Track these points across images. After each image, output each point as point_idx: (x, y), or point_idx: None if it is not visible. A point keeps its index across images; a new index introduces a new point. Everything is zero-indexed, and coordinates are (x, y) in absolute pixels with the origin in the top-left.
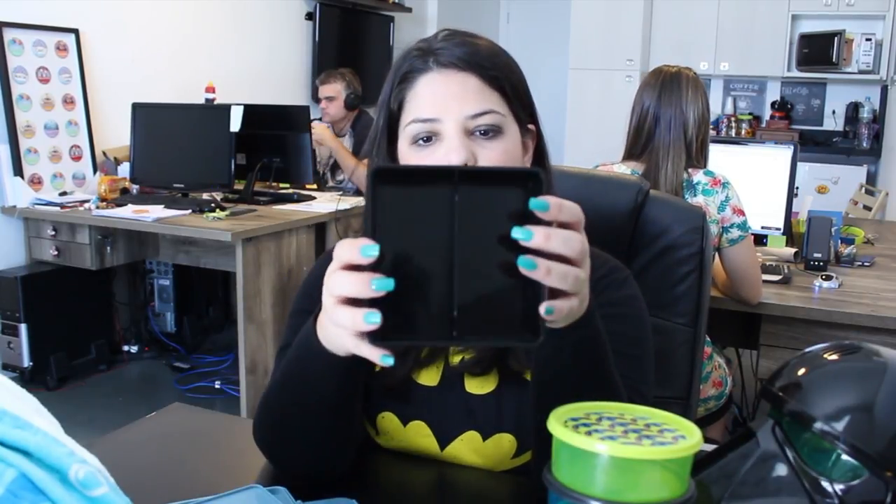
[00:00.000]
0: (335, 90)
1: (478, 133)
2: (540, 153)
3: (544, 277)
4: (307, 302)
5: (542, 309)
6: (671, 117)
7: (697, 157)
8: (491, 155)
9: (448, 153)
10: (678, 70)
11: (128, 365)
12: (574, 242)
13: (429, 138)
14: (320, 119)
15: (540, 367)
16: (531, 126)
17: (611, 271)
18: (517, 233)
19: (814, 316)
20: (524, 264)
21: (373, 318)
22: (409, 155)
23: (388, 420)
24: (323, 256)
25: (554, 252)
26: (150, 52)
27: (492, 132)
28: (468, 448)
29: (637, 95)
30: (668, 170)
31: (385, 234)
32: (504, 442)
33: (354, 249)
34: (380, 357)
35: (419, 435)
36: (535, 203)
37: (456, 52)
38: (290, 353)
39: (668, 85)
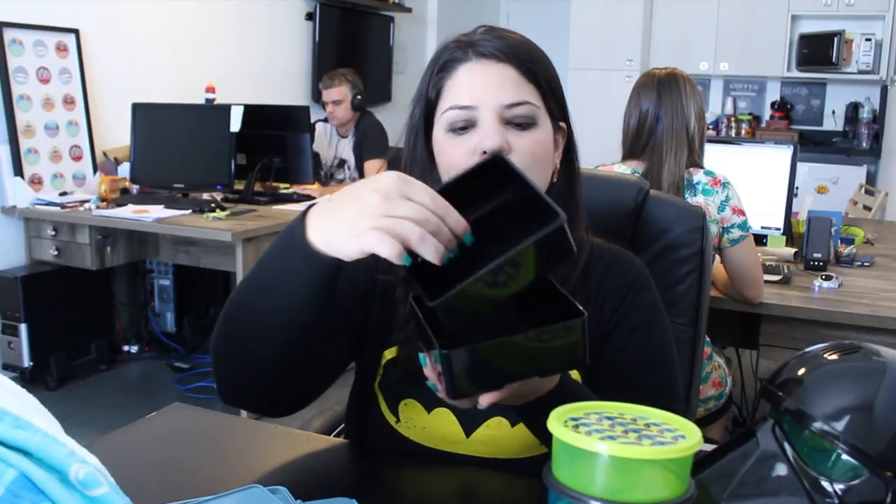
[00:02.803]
0: (341, 93)
1: (513, 123)
2: (570, 153)
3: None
4: None
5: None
6: (672, 115)
7: (698, 152)
8: (524, 144)
9: (483, 139)
10: (671, 70)
11: (128, 365)
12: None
13: (465, 127)
14: (324, 120)
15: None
16: (563, 124)
17: (638, 275)
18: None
19: (814, 316)
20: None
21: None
22: (445, 141)
23: (411, 407)
24: None
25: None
26: (150, 52)
27: (526, 123)
28: (495, 434)
29: (632, 98)
30: (670, 165)
31: None
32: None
33: (453, 217)
34: (401, 257)
35: (444, 422)
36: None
37: (495, 44)
38: (266, 252)
39: (665, 85)
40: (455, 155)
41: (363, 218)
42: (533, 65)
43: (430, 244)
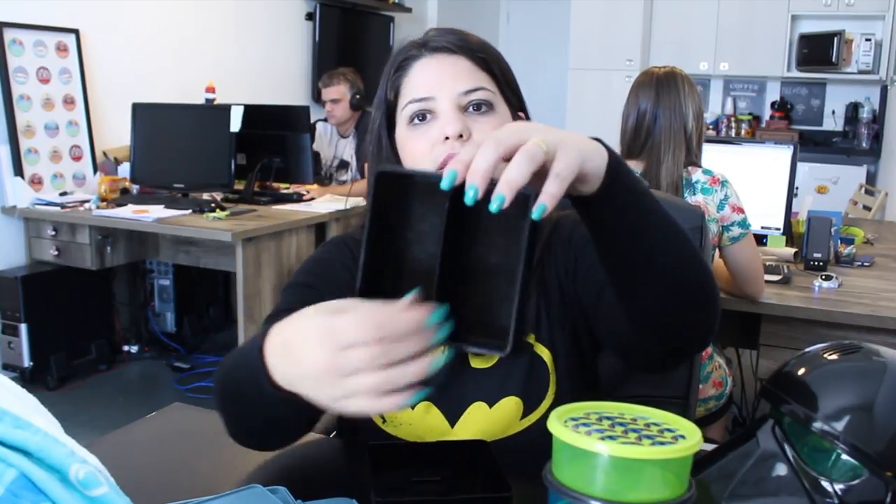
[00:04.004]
0: (340, 92)
1: (471, 108)
2: None
3: (507, 191)
4: (309, 277)
5: (535, 211)
6: (671, 114)
7: (696, 152)
8: (484, 128)
9: (444, 126)
10: (670, 69)
11: (128, 365)
12: (501, 138)
13: (424, 116)
14: (324, 120)
15: (598, 234)
16: (522, 114)
17: (576, 219)
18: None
19: (814, 316)
20: (497, 199)
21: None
22: (407, 135)
23: (400, 414)
24: (333, 239)
25: (486, 164)
26: (151, 52)
27: (484, 106)
28: (476, 418)
29: (630, 97)
30: (668, 164)
31: (379, 234)
32: (511, 405)
33: (413, 319)
34: (390, 404)
35: (428, 415)
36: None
37: (447, 38)
38: (236, 358)
39: (664, 84)
40: (418, 146)
41: (323, 384)
42: (485, 55)
43: (407, 375)
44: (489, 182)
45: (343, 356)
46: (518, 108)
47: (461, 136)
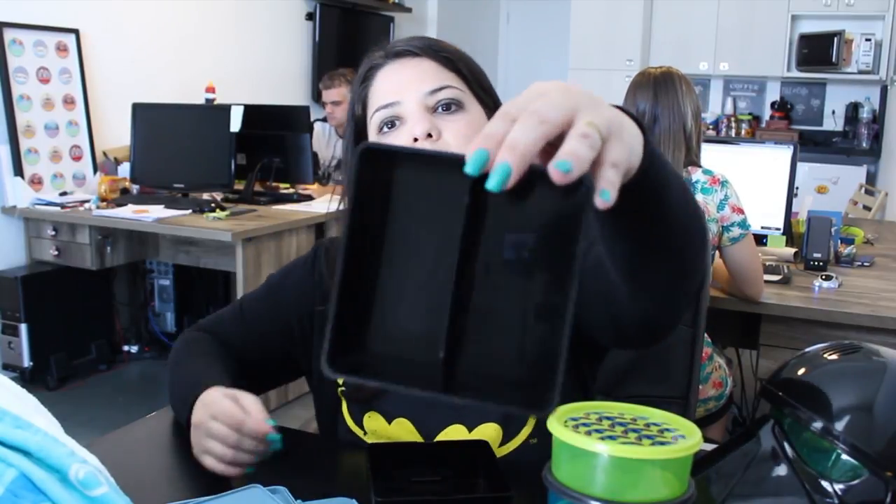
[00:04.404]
0: (341, 94)
1: (440, 109)
2: None
3: (561, 177)
4: (283, 283)
5: (598, 200)
6: (670, 114)
7: (695, 151)
8: (455, 128)
9: (412, 128)
10: (666, 69)
11: (128, 365)
12: (545, 112)
13: (392, 123)
14: (324, 120)
15: (619, 218)
16: None
17: None
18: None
19: (814, 316)
20: (561, 166)
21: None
22: None
23: (374, 419)
24: (324, 242)
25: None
26: (151, 52)
27: (453, 105)
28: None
29: (628, 98)
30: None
31: (363, 231)
32: (490, 431)
33: (257, 426)
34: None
35: (403, 431)
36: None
37: (410, 42)
38: (180, 383)
39: (661, 84)
40: None
41: (196, 435)
42: (449, 54)
43: (241, 459)
44: (526, 168)
45: (212, 423)
46: (493, 107)
47: (430, 135)
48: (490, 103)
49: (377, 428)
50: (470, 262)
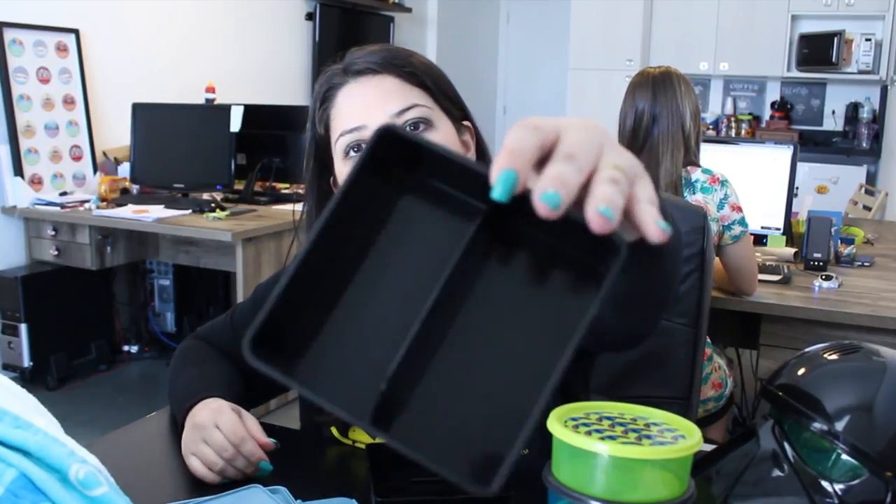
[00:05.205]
0: None
1: (408, 128)
2: (482, 151)
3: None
4: (270, 288)
5: (655, 232)
6: (669, 114)
7: (694, 151)
8: None
9: None
10: (665, 69)
11: (128, 365)
12: (578, 156)
13: (359, 147)
14: None
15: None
16: (466, 123)
17: None
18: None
19: (814, 316)
20: (605, 212)
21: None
22: (343, 170)
23: (359, 432)
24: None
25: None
26: (151, 52)
27: (422, 124)
28: None
29: (627, 98)
30: (667, 165)
31: (344, 222)
32: None
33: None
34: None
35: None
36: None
37: (368, 59)
38: (179, 386)
39: (660, 83)
40: None
41: (190, 435)
42: (412, 68)
43: (227, 473)
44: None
45: (213, 431)
46: (460, 118)
47: None
48: (457, 114)
49: (363, 438)
50: (452, 302)
